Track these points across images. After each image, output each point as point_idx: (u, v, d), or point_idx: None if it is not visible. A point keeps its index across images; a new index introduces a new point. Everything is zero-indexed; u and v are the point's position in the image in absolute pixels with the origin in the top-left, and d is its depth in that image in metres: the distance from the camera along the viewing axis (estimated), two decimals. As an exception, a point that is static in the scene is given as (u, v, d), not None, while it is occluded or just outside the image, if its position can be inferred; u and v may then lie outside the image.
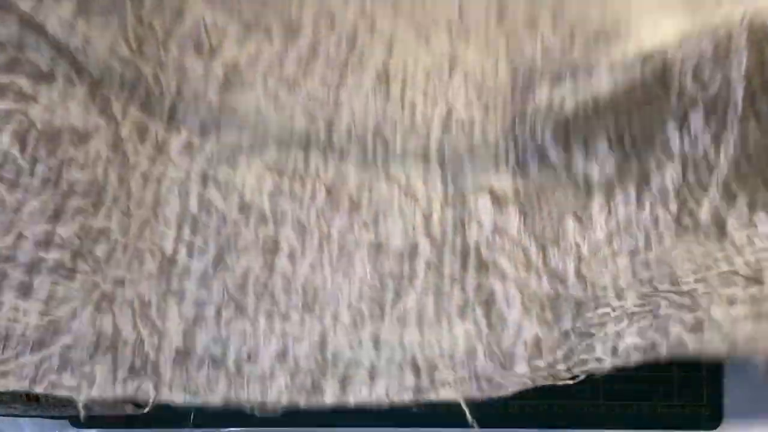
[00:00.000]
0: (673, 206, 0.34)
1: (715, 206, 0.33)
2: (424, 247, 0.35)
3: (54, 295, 0.32)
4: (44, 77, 0.34)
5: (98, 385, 0.30)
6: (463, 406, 0.32)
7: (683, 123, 0.34)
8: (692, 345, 0.30)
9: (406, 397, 0.32)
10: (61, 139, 0.34)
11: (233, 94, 0.36)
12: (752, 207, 0.32)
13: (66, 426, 0.39)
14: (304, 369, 0.32)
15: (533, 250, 0.35)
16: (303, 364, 0.33)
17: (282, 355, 0.33)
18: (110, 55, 0.35)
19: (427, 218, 0.35)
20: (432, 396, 0.32)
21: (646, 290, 0.33)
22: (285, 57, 0.37)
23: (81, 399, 0.30)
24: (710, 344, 0.29)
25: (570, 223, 0.35)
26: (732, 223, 0.32)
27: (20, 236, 0.32)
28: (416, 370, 0.33)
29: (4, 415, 0.33)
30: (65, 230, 0.33)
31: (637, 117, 0.35)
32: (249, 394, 0.32)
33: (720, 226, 0.33)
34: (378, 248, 0.35)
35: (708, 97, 0.33)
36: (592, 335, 0.32)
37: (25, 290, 0.31)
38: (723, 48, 0.32)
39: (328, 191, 0.36)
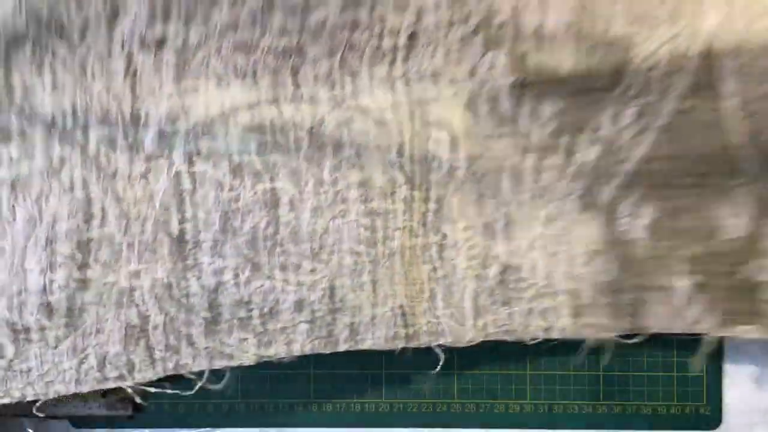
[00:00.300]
0: (585, 182, 0.40)
1: (613, 193, 0.40)
2: (401, 183, 0.39)
3: (73, 308, 0.34)
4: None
5: (138, 370, 0.35)
6: (436, 350, 0.40)
7: (617, 115, 0.40)
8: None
9: (399, 344, 0.39)
10: (31, 183, 0.34)
11: (188, 79, 0.36)
12: (643, 200, 0.40)
13: (66, 426, 0.41)
14: (319, 317, 0.38)
15: (474, 198, 0.40)
16: (318, 312, 0.38)
17: (299, 305, 0.37)
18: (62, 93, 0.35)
19: (400, 151, 0.39)
20: (416, 343, 0.39)
21: (549, 265, 0.40)
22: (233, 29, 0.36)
23: (127, 385, 0.35)
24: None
25: (505, 180, 0.40)
26: (621, 211, 0.40)
27: (24, 271, 0.34)
28: (404, 320, 0.39)
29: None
30: (64, 248, 0.34)
31: (582, 97, 0.40)
32: (277, 349, 0.37)
33: (611, 212, 0.40)
34: (365, 185, 0.38)
35: (645, 102, 0.40)
36: (510, 302, 0.40)
37: (48, 312, 0.34)
38: (676, 63, 0.39)
39: (310, 135, 0.38)
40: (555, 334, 0.41)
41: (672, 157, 0.40)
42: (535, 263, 0.41)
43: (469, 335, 0.40)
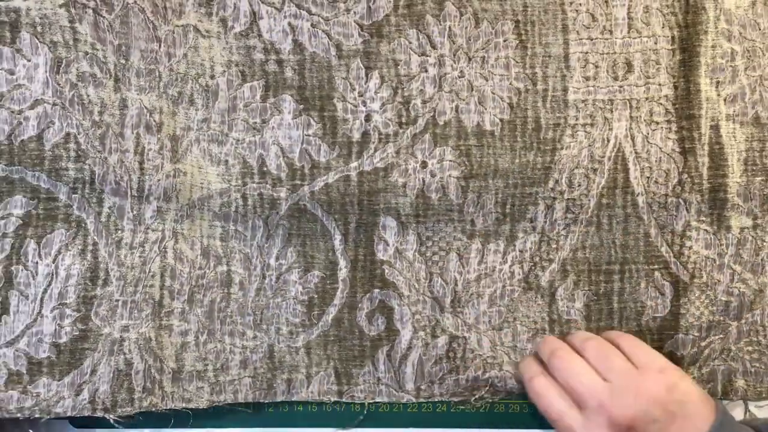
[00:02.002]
0: (526, 267, 0.45)
1: (552, 276, 0.45)
2: (342, 266, 0.45)
3: (75, 351, 0.42)
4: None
5: (120, 406, 0.42)
6: (366, 407, 0.46)
7: (549, 208, 0.45)
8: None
9: (332, 398, 0.45)
10: (52, 243, 0.42)
11: (180, 162, 0.43)
12: (576, 285, 0.45)
13: (66, 426, 0.45)
14: (261, 373, 0.44)
15: (423, 275, 0.45)
16: (260, 369, 0.44)
17: (244, 363, 0.44)
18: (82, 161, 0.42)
19: (345, 238, 0.45)
20: (350, 399, 0.45)
21: (494, 339, 0.45)
22: (209, 117, 0.44)
23: (111, 418, 0.42)
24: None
25: (454, 257, 0.45)
26: (560, 293, 0.45)
27: (42, 317, 0.41)
28: (338, 376, 0.45)
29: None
30: (72, 302, 0.42)
31: (520, 191, 0.45)
32: (226, 397, 0.44)
33: (551, 294, 0.46)
34: (307, 270, 0.45)
35: (571, 197, 0.45)
36: (457, 370, 0.45)
37: (57, 352, 0.41)
38: (595, 164, 0.45)
39: (266, 224, 0.44)
40: (502, 397, 0.46)
41: (598, 246, 0.45)
42: (480, 337, 0.45)
43: (406, 397, 0.45)
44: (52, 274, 0.41)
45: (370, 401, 0.45)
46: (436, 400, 0.45)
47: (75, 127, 0.41)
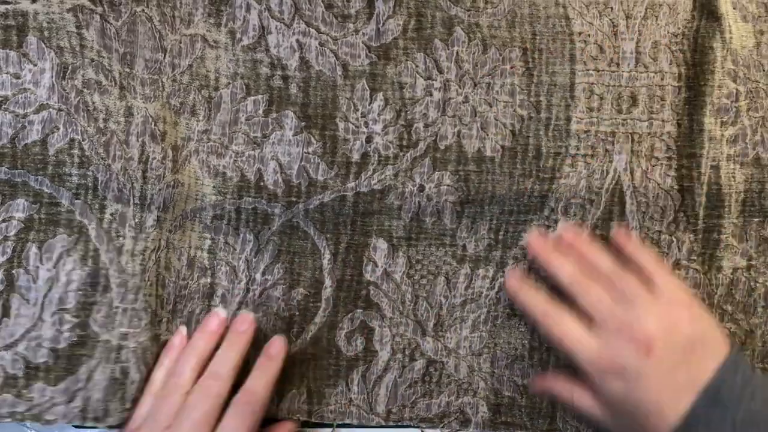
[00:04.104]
0: None
1: None
2: (327, 285, 0.45)
3: (72, 357, 0.41)
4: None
5: (111, 416, 0.41)
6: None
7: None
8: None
9: (302, 417, 0.45)
10: (54, 248, 0.42)
11: (179, 173, 0.43)
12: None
13: (66, 426, 0.43)
14: None
15: (408, 297, 0.45)
16: None
17: None
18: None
19: (334, 257, 0.45)
20: (319, 419, 0.45)
21: (472, 364, 0.45)
22: (210, 129, 0.44)
23: (101, 426, 0.42)
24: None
25: (441, 281, 0.45)
26: None
27: (42, 321, 0.41)
28: (309, 395, 0.45)
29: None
30: (72, 307, 0.41)
31: (515, 218, 0.46)
32: None
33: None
34: (291, 287, 0.45)
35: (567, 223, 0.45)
36: (431, 394, 0.45)
37: (55, 357, 0.41)
38: (591, 195, 0.45)
39: (257, 239, 0.44)
40: (471, 428, 0.45)
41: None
42: (459, 362, 0.45)
43: (376, 420, 0.45)
44: (53, 279, 0.41)
45: (339, 422, 0.45)
46: (404, 425, 0.45)
47: (80, 133, 0.41)
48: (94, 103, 0.41)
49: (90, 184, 0.42)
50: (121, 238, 0.42)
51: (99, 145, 0.41)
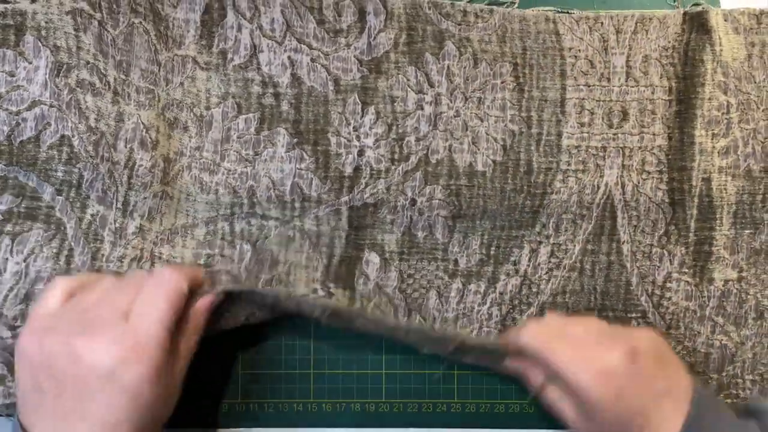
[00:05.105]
0: (504, 309, 0.46)
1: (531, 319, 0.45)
2: (320, 296, 0.45)
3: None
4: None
5: None
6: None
7: (534, 252, 0.46)
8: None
9: None
10: (28, 241, 0.41)
11: (170, 186, 0.43)
12: None
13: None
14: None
15: (401, 312, 0.45)
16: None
17: None
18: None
19: (326, 270, 0.44)
20: None
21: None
22: (202, 146, 0.44)
23: None
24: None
25: (433, 295, 0.45)
26: None
27: (2, 316, 0.40)
28: None
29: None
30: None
31: (506, 233, 0.46)
32: None
33: None
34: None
35: (557, 242, 0.45)
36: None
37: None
38: (582, 210, 0.45)
39: (254, 248, 0.44)
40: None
41: (579, 292, 0.46)
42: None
43: None
44: (21, 273, 0.41)
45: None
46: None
47: (70, 129, 0.41)
48: (86, 102, 0.42)
49: (75, 182, 0.42)
50: (98, 242, 0.42)
51: (89, 143, 0.41)
